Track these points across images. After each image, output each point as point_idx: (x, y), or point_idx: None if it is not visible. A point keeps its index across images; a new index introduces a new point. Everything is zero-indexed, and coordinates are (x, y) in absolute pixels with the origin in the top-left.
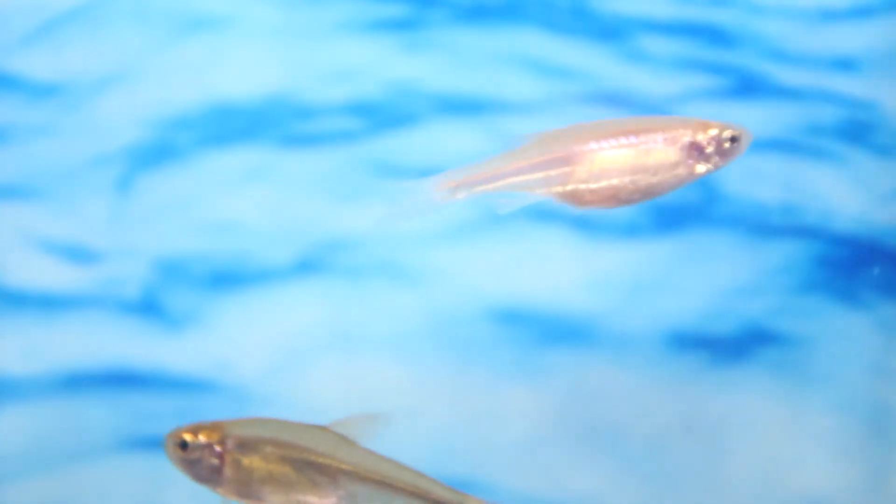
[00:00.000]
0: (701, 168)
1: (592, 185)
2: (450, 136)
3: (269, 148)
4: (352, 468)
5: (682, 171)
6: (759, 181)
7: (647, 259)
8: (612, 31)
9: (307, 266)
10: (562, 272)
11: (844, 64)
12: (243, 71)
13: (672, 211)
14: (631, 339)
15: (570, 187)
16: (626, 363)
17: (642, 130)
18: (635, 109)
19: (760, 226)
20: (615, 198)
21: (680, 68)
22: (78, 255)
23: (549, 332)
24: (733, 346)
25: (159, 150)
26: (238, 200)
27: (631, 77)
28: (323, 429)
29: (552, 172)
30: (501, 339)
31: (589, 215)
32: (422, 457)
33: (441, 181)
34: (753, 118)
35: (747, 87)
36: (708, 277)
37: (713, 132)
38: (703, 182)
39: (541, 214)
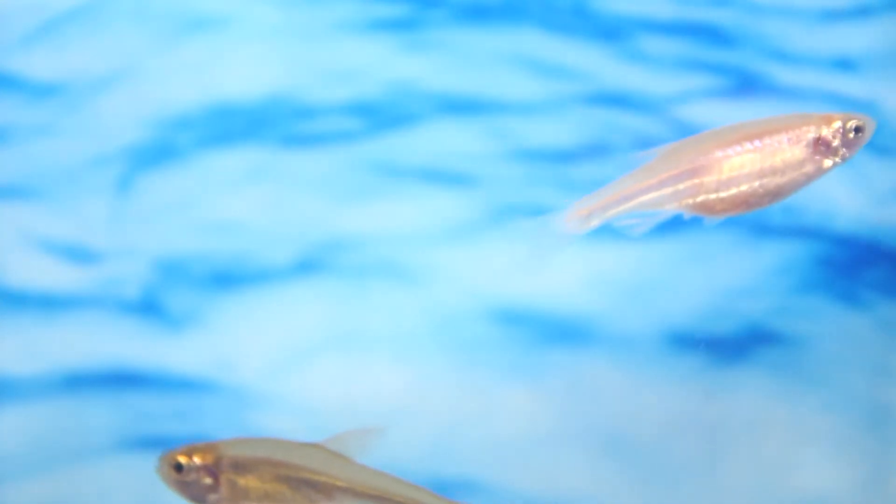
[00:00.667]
0: (828, 162)
1: (722, 194)
2: (450, 136)
3: (269, 148)
4: (347, 484)
5: (809, 167)
6: None
7: (647, 259)
8: (612, 31)
9: (307, 266)
10: (562, 272)
11: (844, 64)
12: (243, 71)
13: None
14: (631, 339)
15: (700, 198)
16: (626, 363)
17: (765, 132)
18: (636, 109)
19: (760, 226)
20: (745, 203)
21: (680, 68)
22: (78, 255)
23: (549, 332)
24: (733, 346)
25: (159, 150)
26: (238, 200)
27: (631, 77)
28: (316, 446)
29: (680, 186)
30: (501, 339)
31: None
32: (422, 457)
33: (573, 211)
34: (753, 118)
35: (747, 87)
36: (708, 277)
37: (837, 125)
38: None
39: (541, 214)
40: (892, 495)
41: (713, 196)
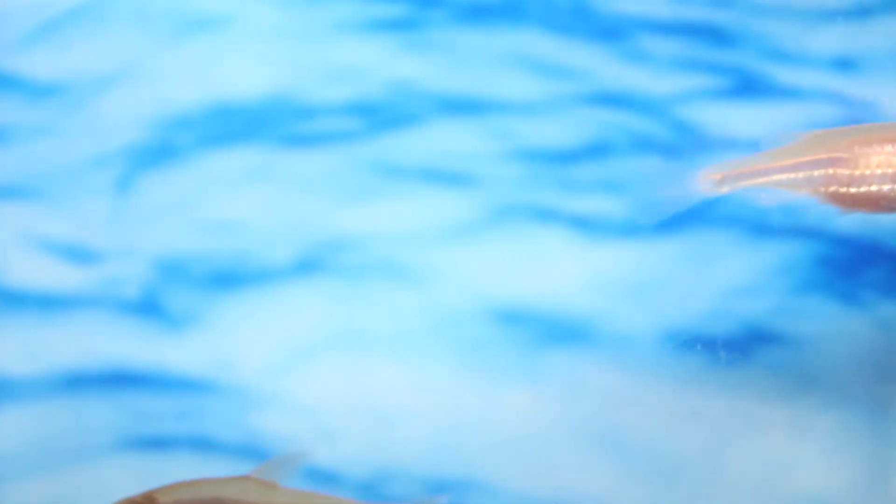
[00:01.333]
0: None
1: (853, 189)
2: (450, 136)
3: (269, 148)
4: None
5: None
6: None
7: (647, 259)
8: (612, 31)
9: (307, 266)
10: (562, 272)
11: (844, 64)
12: (243, 71)
13: None
14: (631, 339)
15: (831, 189)
16: (627, 363)
17: None
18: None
19: (760, 226)
20: (876, 204)
21: (680, 68)
22: (78, 255)
23: (549, 332)
24: (733, 346)
25: (159, 150)
26: (238, 200)
27: (631, 77)
28: (245, 478)
29: (815, 173)
30: (501, 339)
31: (588, 216)
32: (422, 457)
33: (708, 172)
34: (753, 118)
35: (747, 87)
36: (708, 277)
37: None
38: None
39: (541, 214)
40: (891, 495)
41: (843, 189)
